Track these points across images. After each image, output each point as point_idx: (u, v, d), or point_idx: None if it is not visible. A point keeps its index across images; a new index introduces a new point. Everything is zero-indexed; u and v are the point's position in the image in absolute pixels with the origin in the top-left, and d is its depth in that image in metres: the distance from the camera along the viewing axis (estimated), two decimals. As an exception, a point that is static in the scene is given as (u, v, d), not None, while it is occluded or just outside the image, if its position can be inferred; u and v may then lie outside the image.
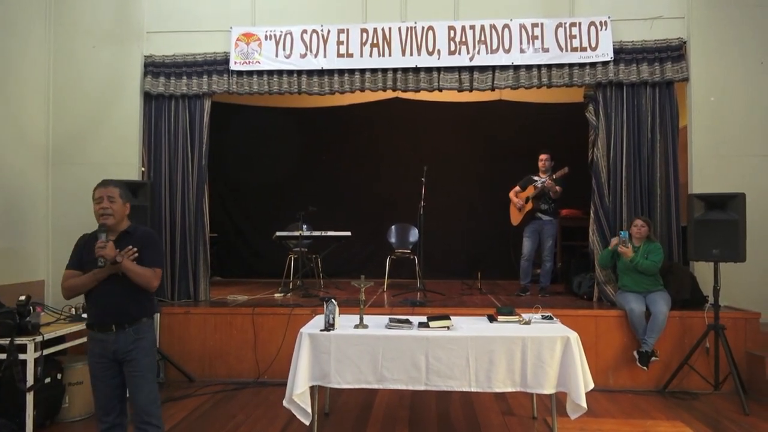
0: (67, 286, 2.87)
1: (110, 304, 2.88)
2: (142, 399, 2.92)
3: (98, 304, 2.89)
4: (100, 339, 2.89)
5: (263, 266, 8.26)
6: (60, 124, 6.09)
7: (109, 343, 2.88)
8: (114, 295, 2.87)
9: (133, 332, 2.92)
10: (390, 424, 4.14)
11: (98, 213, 2.87)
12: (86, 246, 2.91)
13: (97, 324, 2.91)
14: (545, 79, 5.82)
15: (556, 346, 3.55)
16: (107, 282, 2.85)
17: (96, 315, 2.91)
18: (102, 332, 2.89)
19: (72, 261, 2.92)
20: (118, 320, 2.89)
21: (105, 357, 2.89)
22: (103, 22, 6.13)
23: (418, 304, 5.50)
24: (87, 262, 2.86)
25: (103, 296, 2.87)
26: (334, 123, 8.43)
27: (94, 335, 2.91)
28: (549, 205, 6.23)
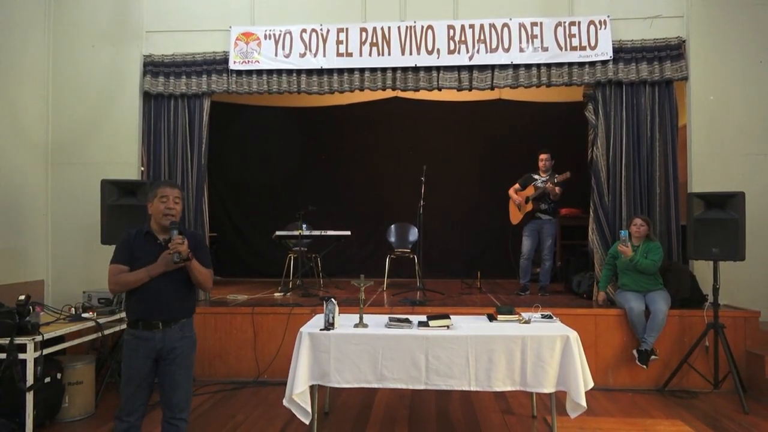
0: (120, 281, 2.86)
1: (160, 301, 2.90)
2: (180, 395, 2.95)
3: (147, 301, 2.88)
4: (146, 338, 2.88)
5: (263, 266, 8.26)
6: (59, 124, 6.08)
7: (154, 342, 2.89)
8: (164, 292, 2.90)
9: (179, 330, 2.96)
10: (390, 423, 4.14)
11: (163, 211, 2.92)
12: (136, 242, 2.92)
13: (143, 321, 2.89)
14: (545, 78, 5.82)
15: (555, 345, 3.55)
16: (157, 280, 2.87)
17: (143, 312, 2.90)
18: (147, 330, 2.88)
19: (120, 256, 2.90)
20: (166, 318, 2.92)
21: (149, 357, 2.89)
22: (103, 22, 6.13)
23: (418, 303, 5.50)
24: (137, 258, 2.87)
25: (152, 293, 2.88)
26: (333, 122, 8.43)
27: (139, 333, 2.89)
28: (549, 205, 6.23)
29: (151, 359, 2.91)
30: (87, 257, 5.81)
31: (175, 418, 2.96)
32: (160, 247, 2.94)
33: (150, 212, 2.99)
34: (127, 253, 2.90)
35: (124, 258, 2.90)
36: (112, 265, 2.90)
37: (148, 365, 2.91)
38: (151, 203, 2.98)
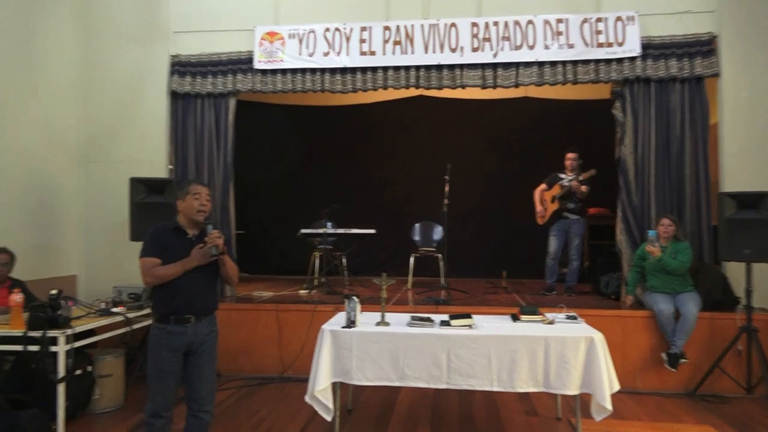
0: (156, 273, 2.89)
1: (192, 295, 2.95)
2: (206, 388, 3.02)
3: (179, 295, 2.92)
4: (178, 332, 2.93)
5: (289, 263, 8.33)
6: (89, 124, 6.23)
7: (186, 336, 2.94)
8: (195, 287, 2.95)
9: (208, 324, 3.03)
10: (412, 422, 4.14)
11: (197, 207, 2.98)
12: (165, 236, 2.97)
13: (175, 316, 2.93)
14: (570, 76, 5.74)
15: (579, 347, 3.50)
16: (189, 274, 2.92)
17: (176, 306, 2.93)
18: (179, 324, 2.93)
19: (152, 250, 2.94)
20: (197, 312, 2.98)
21: (179, 351, 2.94)
22: (131, 24, 6.25)
23: (442, 302, 5.48)
24: (167, 252, 2.92)
25: (185, 288, 2.92)
26: (358, 121, 8.45)
27: (171, 328, 2.92)
28: (576, 204, 6.14)
29: (181, 353, 2.96)
30: (117, 253, 5.93)
31: (201, 411, 3.02)
32: (190, 242, 2.99)
33: (180, 209, 3.04)
34: (158, 247, 2.95)
35: (156, 251, 2.93)
36: (146, 259, 2.93)
37: (180, 359, 2.96)
38: (182, 200, 3.03)
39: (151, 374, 2.95)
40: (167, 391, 2.94)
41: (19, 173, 5.38)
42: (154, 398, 2.94)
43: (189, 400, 3.03)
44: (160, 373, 2.93)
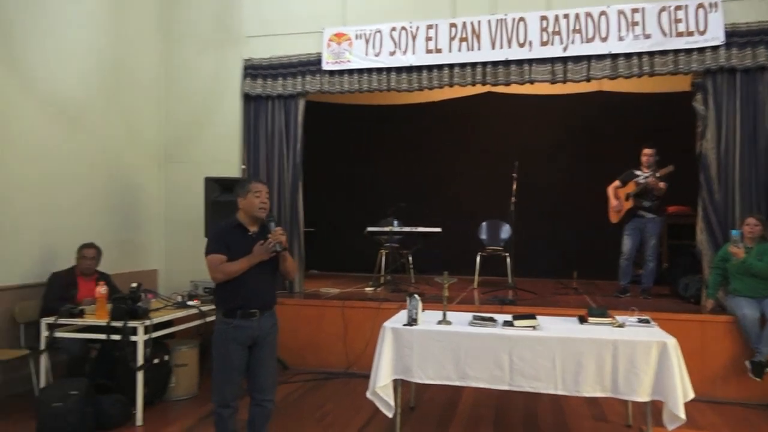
0: (225, 270, 3.01)
1: (257, 290, 3.09)
2: (269, 378, 3.17)
3: (245, 290, 3.05)
4: (244, 326, 3.05)
5: (357, 261, 8.43)
6: (170, 126, 6.60)
7: (252, 329, 3.07)
8: (259, 282, 3.09)
9: (270, 317, 3.18)
10: (474, 422, 4.10)
11: (258, 205, 3.11)
12: (230, 234, 3.11)
13: (242, 309, 3.05)
14: (647, 68, 5.46)
15: (651, 352, 3.35)
16: (252, 270, 3.04)
17: (242, 301, 3.05)
18: (245, 318, 3.04)
19: (218, 247, 3.05)
20: (261, 306, 3.11)
21: (245, 344, 3.07)
22: (208, 30, 6.55)
23: (507, 302, 5.39)
24: (231, 249, 3.05)
25: (250, 283, 3.05)
26: (425, 119, 8.44)
27: (238, 323, 3.04)
28: (652, 202, 5.85)
29: (247, 346, 3.09)
30: (194, 249, 6.12)
31: (264, 400, 3.15)
32: (251, 238, 3.10)
33: (241, 206, 3.16)
34: (224, 245, 3.07)
35: (222, 249, 3.05)
36: (213, 256, 3.05)
37: (246, 352, 3.09)
38: (243, 198, 3.14)
39: (218, 367, 3.08)
40: (234, 383, 3.08)
41: (106, 173, 5.77)
42: (221, 390, 3.07)
43: (253, 390, 3.16)
44: (227, 366, 3.05)
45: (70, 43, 5.33)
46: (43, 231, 4.97)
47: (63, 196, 5.19)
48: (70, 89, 5.34)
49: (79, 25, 5.45)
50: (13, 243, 4.71)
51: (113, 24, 5.87)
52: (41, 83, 5.02)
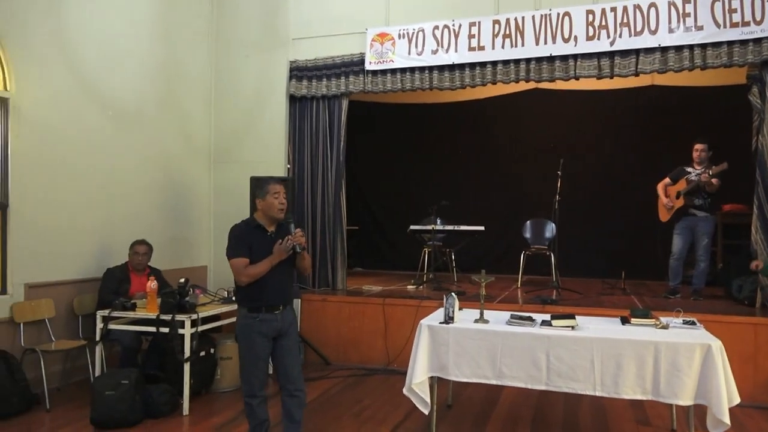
0: (251, 273, 3.12)
1: (280, 287, 3.23)
2: (297, 368, 3.31)
3: (270, 287, 3.17)
4: (268, 320, 3.18)
5: (400, 259, 8.49)
6: (219, 127, 6.82)
7: (275, 322, 3.20)
8: (281, 279, 3.23)
9: (290, 311, 3.31)
10: (511, 422, 4.08)
11: (278, 206, 3.20)
12: (251, 236, 3.21)
13: (266, 306, 3.18)
14: (699, 61, 5.26)
15: (694, 355, 3.24)
16: (274, 268, 3.18)
17: (267, 297, 3.18)
18: (269, 313, 3.18)
19: (242, 250, 3.15)
20: (284, 301, 3.26)
21: (268, 336, 3.21)
22: (255, 33, 6.73)
23: (550, 301, 5.31)
24: (254, 250, 3.17)
25: (273, 281, 3.17)
26: (469, 117, 8.37)
27: (263, 317, 3.17)
28: (704, 200, 5.63)
29: (271, 338, 3.22)
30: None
31: (297, 390, 3.27)
32: (271, 239, 3.21)
33: (260, 207, 3.25)
34: (246, 247, 3.17)
35: (245, 252, 3.16)
36: (237, 260, 3.14)
37: (270, 344, 3.23)
38: (262, 199, 3.22)
39: (246, 359, 3.21)
40: (261, 373, 3.22)
41: (159, 173, 6.03)
42: (250, 380, 3.21)
43: (284, 381, 3.28)
44: (254, 357, 3.19)
45: (126, 48, 5.59)
46: (99, 228, 5.25)
47: (118, 194, 5.45)
48: (127, 92, 5.61)
49: (134, 31, 5.71)
50: (73, 240, 4.99)
51: (166, 29, 6.12)
52: (100, 87, 5.29)
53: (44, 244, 4.69)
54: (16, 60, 4.50)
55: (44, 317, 4.63)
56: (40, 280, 4.67)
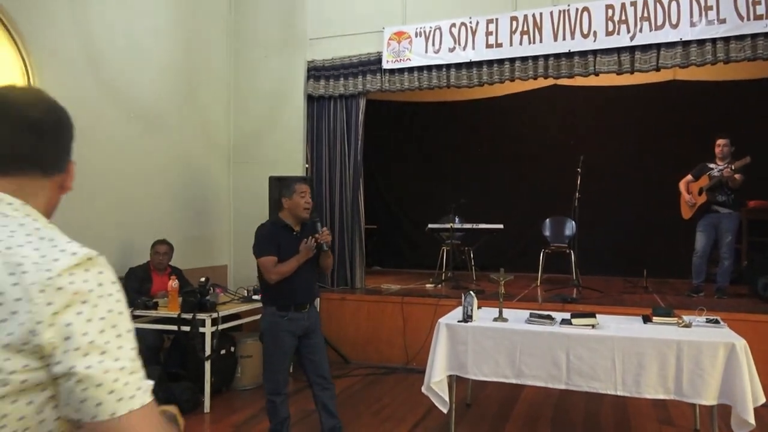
0: (280, 271, 3.18)
1: (307, 286, 3.32)
2: (325, 363, 3.39)
3: (297, 286, 3.24)
4: (297, 318, 3.25)
5: (419, 257, 8.48)
6: (238, 127, 6.88)
7: (303, 321, 3.27)
8: (307, 278, 3.32)
9: (315, 309, 3.39)
10: (532, 421, 4.06)
11: (303, 205, 3.27)
12: (279, 235, 3.27)
13: (295, 304, 3.24)
14: (721, 55, 5.16)
15: (718, 354, 3.19)
16: (301, 266, 3.24)
17: (296, 296, 3.25)
18: (297, 311, 3.24)
19: (271, 249, 3.20)
20: (310, 300, 3.35)
21: (295, 335, 3.26)
22: (273, 33, 6.77)
23: (570, 300, 5.27)
24: (283, 249, 3.22)
25: (301, 279, 3.25)
26: (488, 114, 8.33)
27: (292, 315, 3.23)
28: (728, 196, 5.53)
29: (296, 336, 3.26)
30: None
31: (328, 383, 3.35)
32: (297, 237, 3.26)
33: (286, 206, 3.30)
34: (275, 246, 3.22)
35: (274, 250, 3.21)
36: (267, 258, 3.20)
37: (296, 342, 3.27)
38: (289, 198, 3.27)
39: (271, 357, 3.25)
40: (285, 371, 3.29)
41: (179, 173, 6.10)
42: (274, 378, 3.25)
43: (316, 377, 3.33)
44: (281, 355, 3.23)
45: (147, 49, 5.67)
46: (121, 227, 5.32)
47: (140, 194, 5.53)
48: (148, 93, 5.68)
49: (155, 32, 5.78)
50: (96, 239, 5.03)
51: (185, 31, 6.19)
52: (121, 88, 5.37)
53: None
54: (39, 62, 4.58)
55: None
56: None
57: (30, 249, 0.81)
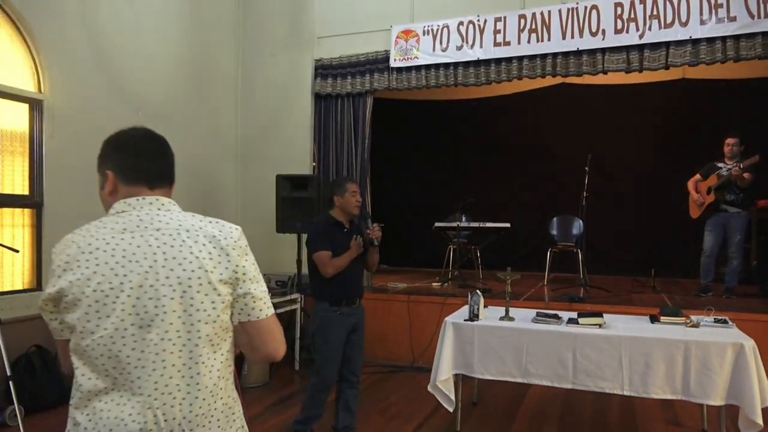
0: (336, 265, 3.26)
1: (356, 282, 3.42)
2: (361, 362, 3.47)
3: (348, 281, 3.34)
4: (348, 313, 3.33)
5: (426, 256, 8.46)
6: (246, 126, 6.90)
7: (353, 316, 3.36)
8: (357, 274, 3.42)
9: (362, 304, 3.45)
10: (539, 420, 4.05)
11: (355, 204, 3.38)
12: (333, 232, 3.35)
13: (347, 299, 3.33)
14: (731, 53, 5.13)
15: (726, 354, 3.18)
16: (351, 262, 3.32)
17: (347, 291, 3.35)
18: (348, 306, 3.33)
19: (327, 244, 3.29)
20: (359, 295, 3.44)
21: (347, 329, 3.34)
22: (281, 32, 6.79)
23: (576, 299, 5.24)
24: (336, 245, 3.30)
25: (351, 275, 3.35)
26: (496, 112, 8.29)
27: (344, 310, 3.31)
28: (737, 195, 5.49)
29: (347, 332, 3.34)
30: (268, 243, 6.46)
31: (357, 382, 3.44)
32: (348, 234, 3.35)
33: (338, 204, 3.38)
34: (329, 242, 3.30)
35: (328, 245, 3.29)
36: (323, 253, 3.28)
37: (346, 337, 3.34)
38: (341, 197, 3.36)
39: (326, 352, 3.29)
40: (336, 366, 3.34)
41: (187, 171, 6.02)
42: (325, 373, 3.30)
43: (349, 374, 3.41)
44: (335, 351, 3.29)
45: (156, 48, 5.69)
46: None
47: (148, 193, 5.55)
48: (157, 92, 5.71)
49: (163, 30, 5.81)
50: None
51: (193, 29, 6.21)
52: (131, 87, 5.39)
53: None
54: (49, 62, 4.62)
55: (79, 313, 4.74)
56: (75, 276, 4.78)
57: (210, 227, 1.36)
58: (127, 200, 1.36)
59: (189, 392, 1.26)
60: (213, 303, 1.29)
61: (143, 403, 1.22)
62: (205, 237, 1.33)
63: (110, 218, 1.33)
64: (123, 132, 1.50)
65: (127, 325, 1.23)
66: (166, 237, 1.30)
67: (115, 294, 1.23)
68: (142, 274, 1.25)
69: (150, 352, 1.23)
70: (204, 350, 1.28)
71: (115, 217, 1.33)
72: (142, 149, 1.45)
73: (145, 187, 1.39)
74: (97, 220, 1.33)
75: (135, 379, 1.23)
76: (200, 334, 1.27)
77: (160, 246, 1.29)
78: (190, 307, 1.27)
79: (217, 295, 1.29)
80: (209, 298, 1.28)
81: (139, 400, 1.22)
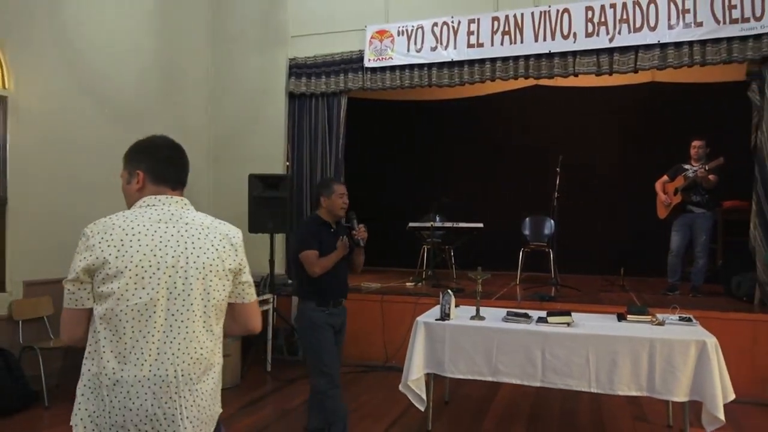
0: (322, 264, 3.24)
1: (342, 282, 3.41)
2: (339, 363, 3.44)
3: (334, 281, 3.33)
4: (335, 314, 3.33)
5: (400, 256, 8.47)
6: (218, 125, 6.82)
7: (340, 316, 3.37)
8: (343, 275, 3.41)
9: (345, 305, 3.46)
10: (508, 418, 4.09)
11: (341, 205, 3.37)
12: (320, 232, 3.33)
13: (333, 300, 3.33)
14: (698, 57, 5.25)
15: (689, 351, 3.25)
16: (337, 263, 3.31)
17: (333, 292, 3.34)
18: (335, 307, 3.34)
19: (314, 244, 3.27)
20: (344, 296, 3.45)
21: (334, 329, 3.33)
22: (254, 31, 6.73)
23: (547, 298, 5.31)
24: (323, 245, 3.28)
25: (337, 275, 3.33)
26: (468, 114, 8.34)
27: (331, 311, 3.31)
28: (702, 196, 5.62)
29: (335, 332, 3.34)
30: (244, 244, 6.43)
31: (339, 381, 3.38)
32: (335, 235, 3.34)
33: (324, 205, 3.37)
34: (317, 241, 3.28)
35: (315, 245, 3.27)
36: (310, 252, 3.25)
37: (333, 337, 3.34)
38: (328, 198, 3.36)
39: (321, 351, 3.26)
40: (337, 363, 3.34)
41: (159, 171, 6.02)
42: (327, 372, 3.25)
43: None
44: (329, 348, 3.28)
45: (125, 46, 5.60)
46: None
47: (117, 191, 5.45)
48: (126, 90, 5.62)
49: (134, 29, 5.72)
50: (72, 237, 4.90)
51: (165, 26, 6.13)
52: (99, 85, 5.30)
53: (43, 242, 4.69)
54: (15, 58, 4.51)
55: (43, 315, 4.65)
56: (39, 277, 4.67)
57: (222, 226, 1.71)
58: (157, 196, 1.67)
59: (202, 353, 1.58)
60: (224, 286, 1.64)
61: (161, 360, 1.51)
62: (220, 234, 1.67)
63: (142, 209, 1.64)
64: (152, 139, 1.77)
65: (159, 297, 1.53)
66: (192, 230, 1.63)
67: (152, 270, 1.53)
68: (175, 257, 1.57)
69: (176, 320, 1.54)
70: (213, 321, 1.62)
71: (147, 209, 1.64)
72: (169, 157, 1.74)
73: (169, 189, 1.71)
74: (129, 210, 1.66)
75: (156, 341, 1.51)
76: (213, 309, 1.61)
77: (190, 237, 1.62)
78: (208, 287, 1.60)
79: (227, 280, 1.65)
80: (221, 282, 1.64)
81: (157, 358, 1.51)
